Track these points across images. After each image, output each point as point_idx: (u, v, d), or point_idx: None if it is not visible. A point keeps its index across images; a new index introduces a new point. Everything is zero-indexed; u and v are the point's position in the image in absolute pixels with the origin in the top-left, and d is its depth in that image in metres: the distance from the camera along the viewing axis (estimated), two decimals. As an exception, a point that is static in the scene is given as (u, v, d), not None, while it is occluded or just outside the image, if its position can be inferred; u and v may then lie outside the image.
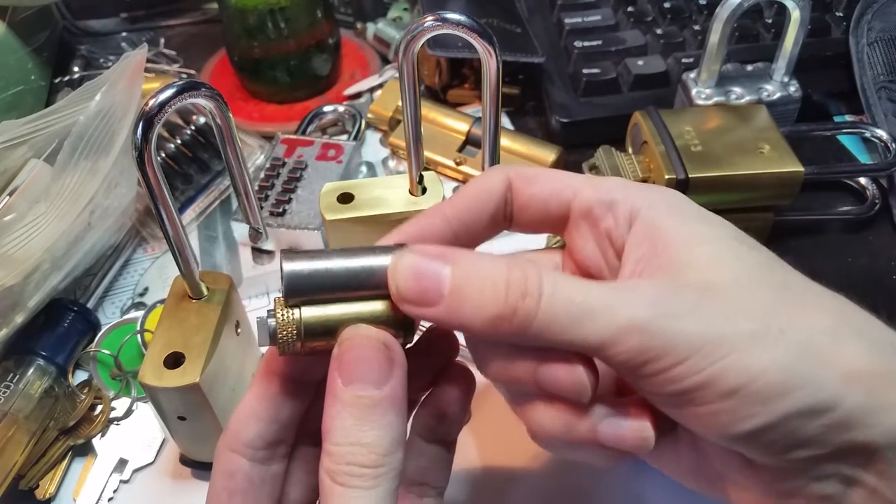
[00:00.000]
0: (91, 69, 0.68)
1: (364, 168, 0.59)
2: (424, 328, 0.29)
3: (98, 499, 0.41)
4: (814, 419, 0.23)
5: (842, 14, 0.62)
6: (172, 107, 0.32)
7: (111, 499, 0.41)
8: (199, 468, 0.42)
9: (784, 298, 0.24)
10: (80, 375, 0.46)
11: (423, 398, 0.29)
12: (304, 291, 0.25)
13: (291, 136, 0.56)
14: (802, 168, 0.46)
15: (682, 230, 0.26)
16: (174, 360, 0.36)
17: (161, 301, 0.49)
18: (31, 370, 0.43)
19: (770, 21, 0.62)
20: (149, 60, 0.68)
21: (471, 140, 0.57)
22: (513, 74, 0.63)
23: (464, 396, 0.29)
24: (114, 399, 0.45)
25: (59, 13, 0.73)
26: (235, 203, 0.48)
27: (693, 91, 0.54)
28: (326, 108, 0.61)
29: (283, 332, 0.25)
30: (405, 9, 0.71)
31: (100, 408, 0.44)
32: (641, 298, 0.24)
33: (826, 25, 0.62)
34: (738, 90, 0.54)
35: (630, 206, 0.27)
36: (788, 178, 0.47)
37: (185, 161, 0.54)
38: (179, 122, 0.55)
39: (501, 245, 0.32)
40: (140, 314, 0.48)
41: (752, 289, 0.24)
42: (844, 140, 0.58)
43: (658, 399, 0.25)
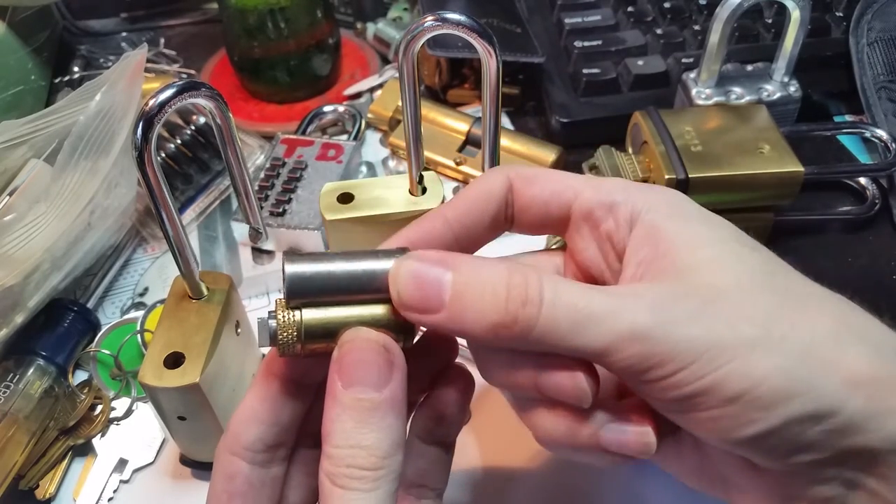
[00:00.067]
0: (91, 69, 0.68)
1: (364, 168, 0.59)
2: (424, 330, 0.29)
3: (98, 499, 0.41)
4: (815, 424, 0.23)
5: (842, 14, 0.62)
6: (172, 107, 0.32)
7: (111, 499, 0.41)
8: (199, 468, 0.42)
9: (786, 302, 0.24)
10: (80, 375, 0.46)
11: (422, 400, 0.29)
12: (306, 293, 0.25)
13: (291, 136, 0.56)
14: (802, 168, 0.46)
15: (684, 233, 0.26)
16: (174, 360, 0.36)
17: (161, 301, 0.49)
18: (31, 370, 0.43)
19: (770, 21, 0.62)
20: (149, 60, 0.68)
21: (471, 140, 0.57)
22: (513, 74, 0.63)
23: (463, 398, 0.29)
24: (114, 399, 0.45)
25: (59, 13, 0.73)
26: (235, 203, 0.48)
27: (693, 91, 0.54)
28: (326, 108, 0.61)
29: (284, 334, 0.25)
30: (405, 9, 0.71)
31: (100, 408, 0.44)
32: (643, 304, 0.24)
33: (826, 25, 0.62)
34: (738, 90, 0.54)
35: (631, 209, 0.27)
36: (788, 178, 0.47)
37: (185, 161, 0.54)
38: (179, 122, 0.55)
39: (502, 246, 0.31)
40: (140, 314, 0.48)
41: (754, 293, 0.24)
42: (844, 140, 0.58)
43: (660, 404, 0.25)
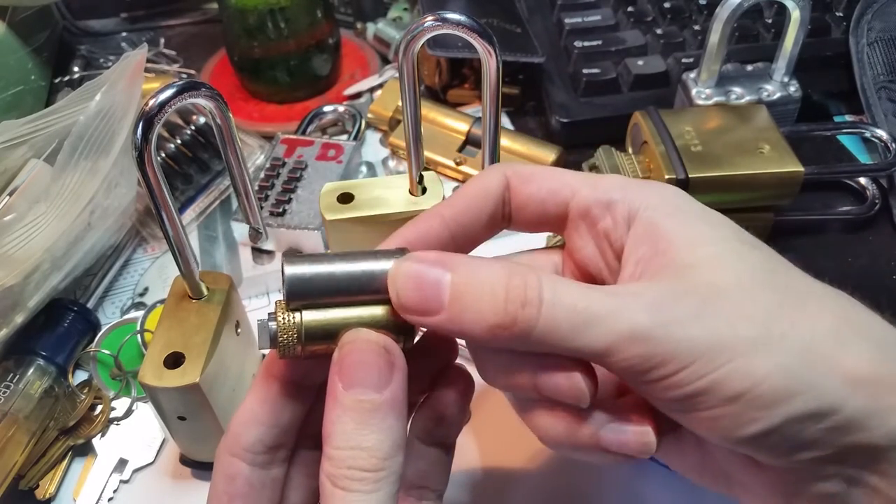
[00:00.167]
0: (91, 69, 0.68)
1: (364, 168, 0.59)
2: (424, 331, 0.29)
3: (98, 499, 0.41)
4: (816, 422, 0.23)
5: (842, 14, 0.62)
6: (172, 107, 0.32)
7: (111, 499, 0.41)
8: (199, 468, 0.42)
9: (786, 301, 0.24)
10: (80, 375, 0.46)
11: (422, 401, 0.29)
12: (306, 295, 0.25)
13: (291, 136, 0.56)
14: (802, 168, 0.46)
15: (683, 230, 0.26)
16: (174, 360, 0.36)
17: (161, 301, 0.49)
18: (31, 370, 0.43)
19: (770, 21, 0.62)
20: (149, 60, 0.68)
21: (471, 140, 0.57)
22: (513, 74, 0.63)
23: (462, 399, 0.29)
24: (114, 399, 0.45)
25: (59, 13, 0.73)
26: (235, 203, 0.48)
27: (693, 91, 0.54)
28: (326, 108, 0.61)
29: (284, 336, 0.25)
30: (405, 9, 0.71)
31: (100, 408, 0.44)
32: (643, 304, 0.24)
33: (826, 25, 0.62)
34: (738, 90, 0.54)
35: (628, 206, 0.27)
36: (788, 178, 0.47)
37: (185, 161, 0.54)
38: (179, 122, 0.55)
39: (501, 244, 0.31)
40: (140, 314, 0.48)
41: (754, 291, 0.24)
42: (844, 140, 0.58)
43: (661, 403, 0.25)
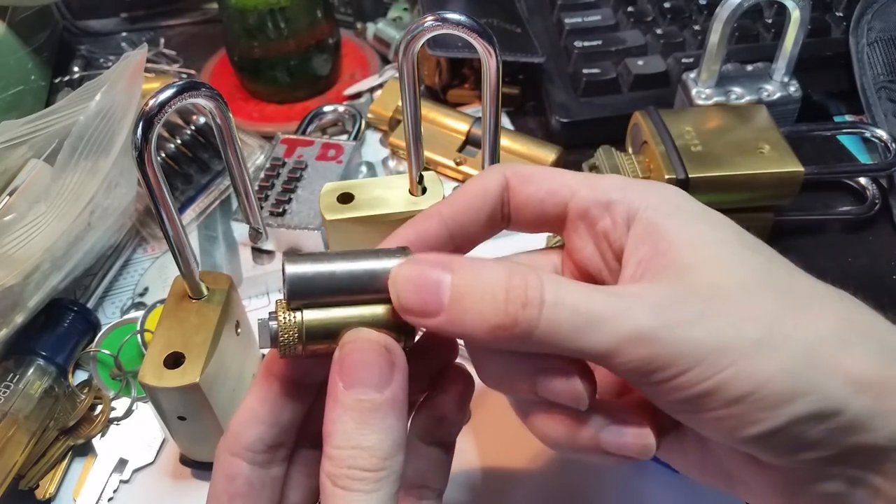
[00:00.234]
0: (91, 69, 0.68)
1: (364, 168, 0.59)
2: (425, 330, 0.29)
3: (98, 499, 0.41)
4: (821, 423, 0.23)
5: (842, 14, 0.62)
6: (172, 107, 0.32)
7: (111, 499, 0.41)
8: (199, 468, 0.42)
9: (789, 302, 0.24)
10: (80, 375, 0.46)
11: (422, 400, 0.29)
12: (306, 294, 0.25)
13: (291, 136, 0.56)
14: (802, 168, 0.46)
15: (683, 231, 0.26)
16: (174, 360, 0.36)
17: (161, 301, 0.49)
18: (31, 370, 0.43)
19: (770, 21, 0.62)
20: (149, 60, 0.68)
21: (471, 140, 0.57)
22: (513, 74, 0.63)
23: (462, 398, 0.29)
24: (114, 399, 0.45)
25: (59, 13, 0.73)
26: (235, 203, 0.48)
27: (693, 91, 0.54)
28: (326, 108, 0.61)
29: (285, 335, 0.25)
30: (405, 9, 0.71)
31: (100, 408, 0.44)
32: (646, 306, 0.23)
33: (826, 25, 0.62)
34: (738, 90, 0.54)
35: (628, 207, 0.27)
36: (788, 178, 0.47)
37: (185, 161, 0.54)
38: (179, 122, 0.55)
39: (501, 244, 0.31)
40: (140, 314, 0.48)
41: (757, 293, 0.24)
42: (844, 140, 0.58)
43: (665, 404, 0.25)
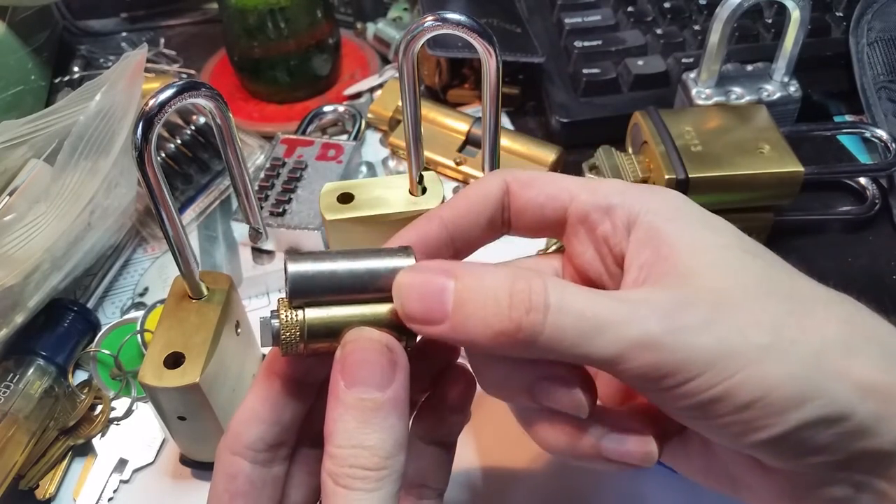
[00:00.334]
0: (91, 69, 0.68)
1: (364, 168, 0.59)
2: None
3: (98, 499, 0.41)
4: (828, 428, 0.23)
5: (842, 14, 0.62)
6: (172, 107, 0.32)
7: (111, 499, 0.41)
8: (199, 468, 0.42)
9: (792, 307, 0.24)
10: (80, 375, 0.46)
11: (424, 400, 0.29)
12: (308, 293, 0.25)
13: (291, 136, 0.56)
14: (802, 168, 0.46)
15: (685, 236, 0.26)
16: (174, 360, 0.36)
17: (161, 301, 0.49)
18: (31, 370, 0.43)
19: (770, 21, 0.62)
20: (149, 60, 0.68)
21: (471, 140, 0.57)
22: (513, 74, 0.63)
23: (464, 398, 0.29)
24: (114, 399, 0.45)
25: (59, 13, 0.73)
26: (235, 203, 0.48)
27: (693, 91, 0.54)
28: (326, 108, 0.61)
29: (287, 334, 0.25)
30: (405, 9, 0.71)
31: (100, 408, 0.44)
32: (652, 312, 0.23)
33: (826, 25, 0.62)
34: (738, 90, 0.54)
35: (628, 211, 0.27)
36: (788, 178, 0.47)
37: (185, 161, 0.54)
38: (179, 122, 0.55)
39: (500, 248, 0.31)
40: (140, 314, 0.48)
41: (761, 299, 0.24)
42: (844, 140, 0.58)
43: (672, 411, 0.24)
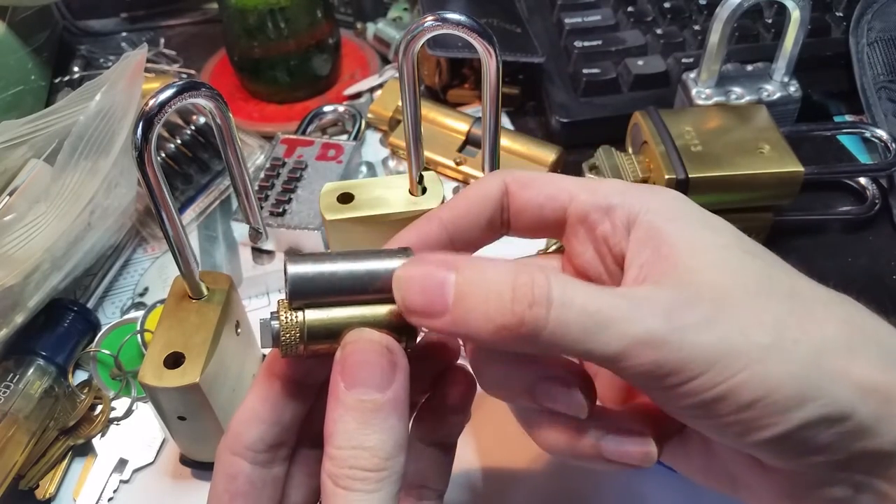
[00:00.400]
0: (91, 69, 0.68)
1: (364, 168, 0.59)
2: (426, 331, 0.29)
3: (98, 499, 0.41)
4: (829, 428, 0.23)
5: (842, 14, 0.62)
6: (172, 107, 0.32)
7: (111, 499, 0.41)
8: (199, 468, 0.42)
9: (794, 308, 0.24)
10: (80, 375, 0.46)
11: (424, 401, 0.29)
12: (308, 294, 0.25)
13: (291, 136, 0.56)
14: (802, 168, 0.46)
15: (685, 235, 0.25)
16: (174, 360, 0.36)
17: (161, 301, 0.49)
18: (31, 370, 0.43)
19: (770, 21, 0.62)
20: (149, 60, 0.68)
21: (471, 140, 0.57)
22: (513, 74, 0.63)
23: (464, 399, 0.29)
24: (114, 399, 0.45)
25: (59, 13, 0.73)
26: (235, 203, 0.48)
27: (693, 91, 0.54)
28: (326, 108, 0.61)
29: (286, 335, 0.25)
30: (405, 9, 0.71)
31: (100, 408, 0.44)
32: (656, 309, 0.23)
33: (826, 25, 0.62)
34: (738, 90, 0.54)
35: (628, 211, 0.27)
36: (788, 178, 0.47)
37: (185, 161, 0.54)
38: (179, 122, 0.55)
39: (500, 249, 0.31)
40: (140, 314, 0.48)
41: (762, 298, 0.24)
42: (844, 140, 0.58)
43: (672, 409, 0.24)
